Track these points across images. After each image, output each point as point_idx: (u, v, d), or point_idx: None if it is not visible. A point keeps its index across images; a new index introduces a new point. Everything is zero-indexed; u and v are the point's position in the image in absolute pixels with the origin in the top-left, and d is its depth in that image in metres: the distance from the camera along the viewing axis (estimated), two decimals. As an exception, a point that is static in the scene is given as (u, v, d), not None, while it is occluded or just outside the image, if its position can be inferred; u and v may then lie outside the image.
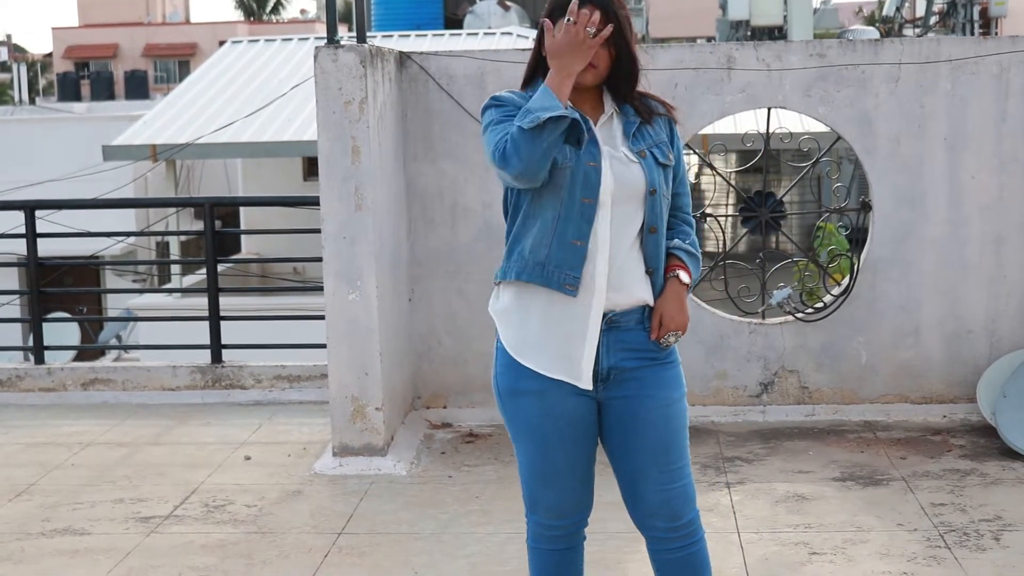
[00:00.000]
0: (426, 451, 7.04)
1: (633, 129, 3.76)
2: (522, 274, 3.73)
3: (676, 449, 3.81)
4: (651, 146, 3.76)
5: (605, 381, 3.76)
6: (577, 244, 3.67)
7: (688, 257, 3.85)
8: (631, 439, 3.79)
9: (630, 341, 3.76)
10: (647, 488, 3.80)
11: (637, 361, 3.77)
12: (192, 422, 7.83)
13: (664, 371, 3.80)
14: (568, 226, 3.67)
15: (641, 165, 3.71)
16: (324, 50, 6.67)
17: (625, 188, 3.69)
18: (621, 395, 3.78)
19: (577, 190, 3.65)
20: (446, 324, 7.58)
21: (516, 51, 7.64)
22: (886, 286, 7.43)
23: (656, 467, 3.78)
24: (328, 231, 6.74)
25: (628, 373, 3.76)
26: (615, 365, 3.75)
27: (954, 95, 7.27)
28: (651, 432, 3.77)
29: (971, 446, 6.86)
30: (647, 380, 3.77)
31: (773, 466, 6.61)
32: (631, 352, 3.76)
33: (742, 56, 7.33)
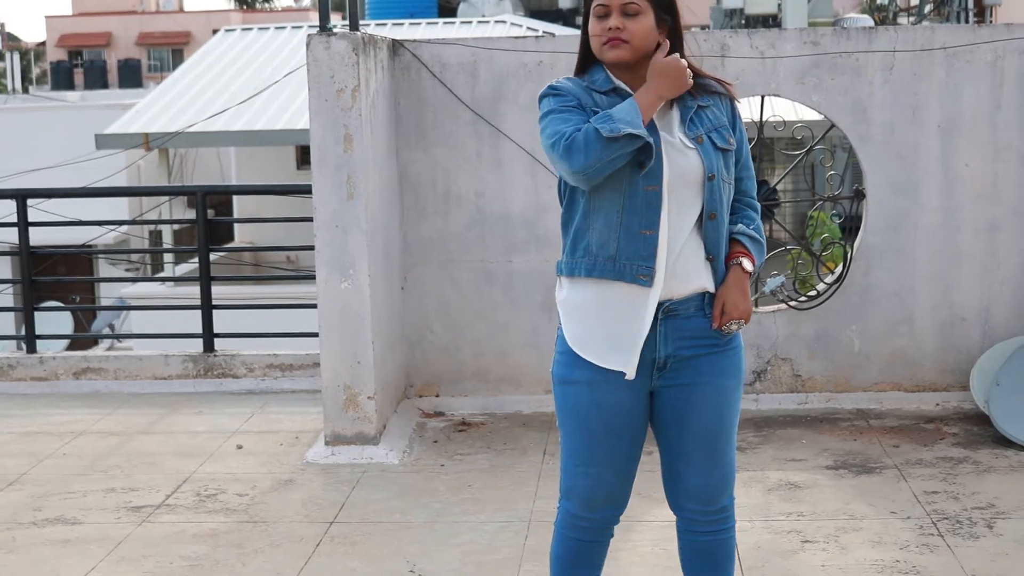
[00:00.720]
0: (418, 440, 7.03)
1: (690, 114, 3.71)
2: (593, 271, 3.69)
3: (725, 436, 3.81)
4: (709, 131, 3.70)
5: (662, 370, 3.73)
6: (647, 234, 3.63)
7: (752, 243, 3.79)
8: (682, 424, 3.77)
9: (689, 329, 3.71)
10: (689, 471, 3.80)
11: (695, 349, 3.73)
12: (184, 411, 7.82)
13: (723, 359, 3.77)
14: (634, 217, 3.63)
15: (698, 151, 3.66)
16: (317, 38, 6.65)
17: (682, 175, 3.64)
18: (677, 383, 3.75)
19: (640, 179, 3.61)
20: (439, 313, 7.57)
21: (509, 39, 7.63)
22: (879, 274, 7.42)
23: (702, 452, 3.78)
24: (320, 219, 6.72)
25: (687, 361, 3.73)
26: (673, 354, 3.71)
27: (948, 83, 7.26)
28: (702, 419, 3.76)
29: (964, 434, 6.87)
30: (704, 368, 3.74)
31: (766, 454, 6.61)
32: (690, 340, 3.72)
33: (736, 44, 7.31)
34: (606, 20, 3.66)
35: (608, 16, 3.66)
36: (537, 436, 7.01)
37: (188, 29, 61.39)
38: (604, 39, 3.66)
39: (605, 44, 3.66)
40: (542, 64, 7.36)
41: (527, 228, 7.44)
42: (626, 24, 3.65)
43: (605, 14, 3.66)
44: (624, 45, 3.66)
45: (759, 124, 7.57)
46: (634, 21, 3.65)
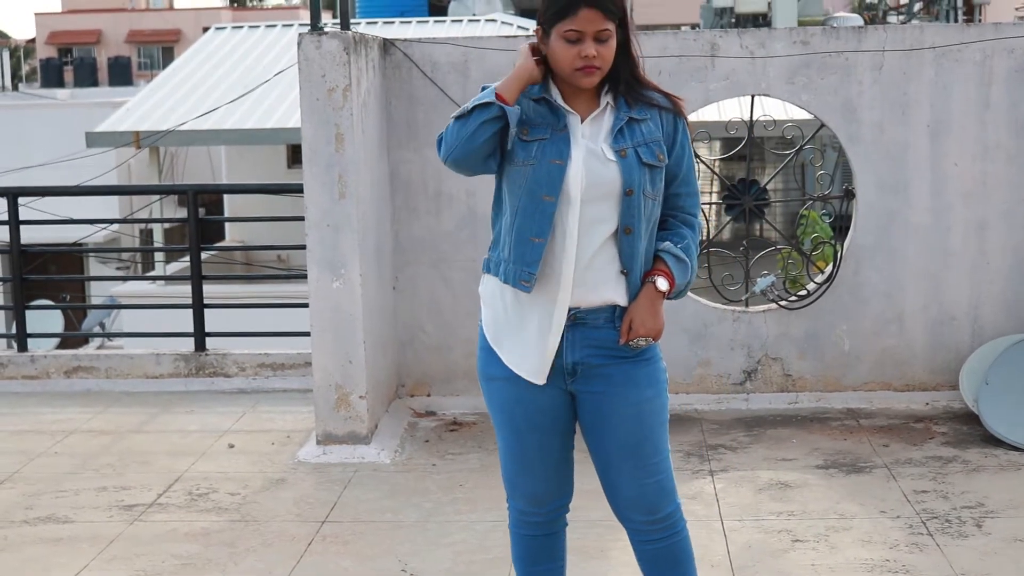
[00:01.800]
0: (410, 439, 7.04)
1: (620, 125, 3.71)
2: (490, 268, 3.79)
3: (650, 445, 3.78)
4: (638, 144, 3.69)
5: (572, 375, 3.76)
6: (535, 241, 3.67)
7: (675, 262, 3.78)
8: (603, 434, 3.79)
9: (597, 338, 3.73)
10: (621, 482, 3.81)
11: (605, 359, 3.74)
12: (176, 410, 7.82)
13: (635, 368, 3.76)
14: (527, 222, 3.67)
15: (619, 164, 3.66)
16: (307, 37, 6.65)
17: (598, 187, 3.66)
18: (590, 390, 3.77)
19: (538, 188, 3.65)
20: (430, 312, 7.58)
21: (500, 38, 7.64)
22: (869, 273, 7.44)
23: (629, 462, 3.78)
24: (312, 219, 6.73)
25: (596, 369, 3.75)
26: (581, 361, 3.74)
27: (937, 82, 7.28)
28: (622, 429, 3.77)
29: (954, 433, 6.88)
30: (616, 378, 3.75)
31: (756, 454, 6.62)
32: (598, 349, 3.74)
33: (726, 43, 7.32)
34: (578, 46, 3.63)
35: (580, 41, 3.64)
36: (528, 435, 7.01)
37: (178, 27, 61.35)
38: (579, 65, 3.64)
39: (579, 70, 3.65)
40: (533, 64, 7.35)
41: (518, 227, 7.44)
42: (599, 50, 3.65)
43: (577, 39, 3.64)
44: (597, 72, 3.67)
45: (749, 123, 7.58)
46: (605, 47, 3.66)
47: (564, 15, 3.63)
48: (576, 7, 3.62)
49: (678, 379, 7.44)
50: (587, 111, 3.74)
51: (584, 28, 3.63)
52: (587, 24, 3.62)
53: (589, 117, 3.73)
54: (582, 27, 3.62)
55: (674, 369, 7.39)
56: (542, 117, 3.71)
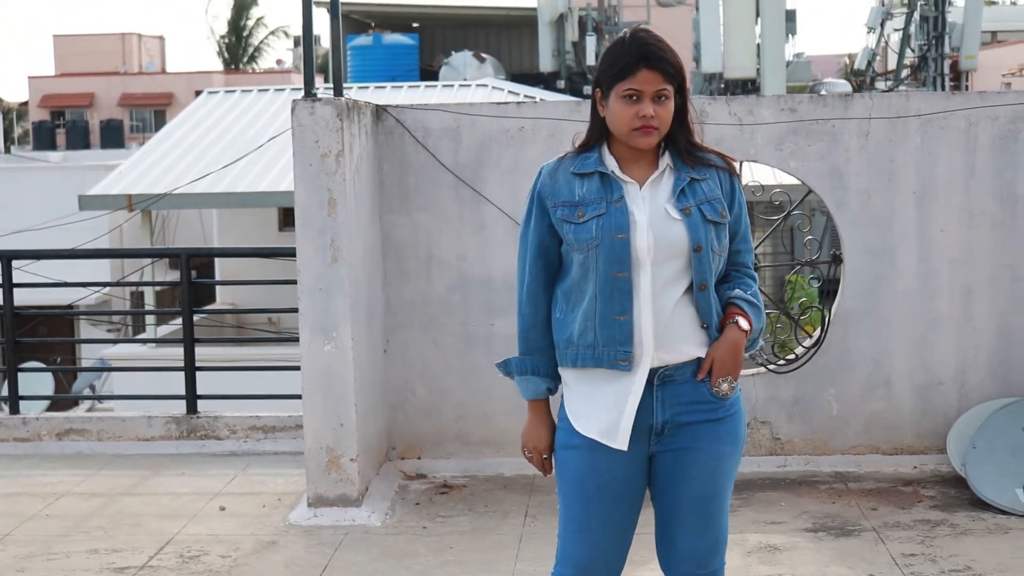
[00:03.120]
0: (400, 502, 7.06)
1: (683, 185, 3.77)
2: (577, 361, 3.80)
3: (718, 501, 3.85)
4: (701, 202, 3.76)
5: (660, 435, 3.79)
6: (621, 319, 3.72)
7: (749, 306, 3.85)
8: (677, 487, 3.83)
9: (686, 394, 3.78)
10: (681, 534, 3.85)
11: (693, 415, 3.78)
12: (167, 472, 7.83)
13: (720, 426, 3.81)
14: (608, 304, 3.73)
15: (684, 223, 3.72)
16: (301, 103, 6.73)
17: (668, 247, 3.71)
18: (674, 447, 3.80)
19: (608, 267, 3.71)
20: (421, 375, 7.61)
21: (491, 104, 7.72)
22: (857, 338, 7.49)
23: (695, 516, 3.83)
24: (304, 282, 6.77)
25: (683, 427, 3.79)
26: (670, 419, 3.78)
27: (923, 149, 7.36)
28: (696, 483, 3.82)
29: (942, 497, 6.91)
30: (701, 433, 3.79)
31: (746, 517, 6.65)
32: (687, 405, 3.78)
33: (714, 110, 7.41)
34: (637, 105, 3.71)
35: (639, 101, 3.71)
36: (518, 499, 7.04)
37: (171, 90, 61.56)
38: (637, 125, 3.71)
39: (637, 130, 3.72)
40: (524, 129, 7.44)
41: (509, 292, 7.49)
42: (657, 111, 3.72)
43: (636, 99, 3.71)
44: (655, 132, 3.73)
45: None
46: (663, 107, 3.73)
47: (624, 76, 3.71)
48: (636, 68, 3.70)
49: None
50: (646, 175, 3.80)
51: (643, 88, 3.70)
52: (646, 84, 3.70)
53: (649, 180, 3.79)
54: (641, 87, 3.70)
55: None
56: (595, 192, 3.77)
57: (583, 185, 3.79)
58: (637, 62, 3.71)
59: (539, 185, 3.86)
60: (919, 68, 30.77)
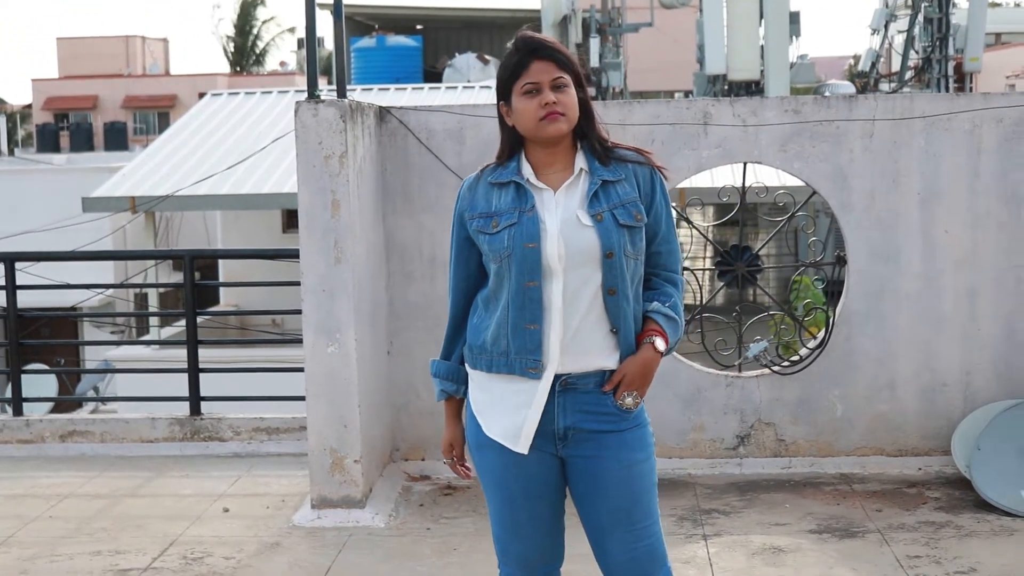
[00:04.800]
0: (404, 503, 7.05)
1: (595, 189, 3.77)
2: (492, 367, 3.82)
3: (640, 509, 3.82)
4: (614, 207, 3.75)
5: (564, 440, 3.80)
6: (531, 328, 3.73)
7: (666, 321, 3.83)
8: (594, 499, 3.83)
9: (588, 403, 3.78)
10: (612, 547, 3.84)
11: (597, 424, 3.79)
12: (171, 474, 7.83)
13: (626, 435, 3.81)
14: (520, 313, 3.74)
15: (595, 229, 3.72)
16: (304, 105, 6.73)
17: (578, 253, 3.71)
18: (581, 454, 3.81)
19: (521, 275, 3.72)
20: (424, 377, 7.60)
21: (494, 106, 7.68)
22: (861, 339, 7.49)
23: (620, 527, 3.82)
24: (308, 284, 6.77)
25: (587, 434, 3.79)
26: (572, 425, 3.78)
27: (927, 151, 7.36)
28: (612, 493, 3.80)
29: (946, 498, 6.91)
30: (607, 441, 3.79)
31: (750, 518, 6.64)
32: (589, 414, 3.78)
33: (718, 112, 7.41)
34: (538, 96, 3.73)
35: (539, 92, 3.74)
36: (522, 500, 7.02)
37: (174, 92, 61.62)
38: (542, 114, 3.73)
39: (543, 119, 3.73)
40: (528, 131, 7.42)
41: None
42: (559, 97, 3.74)
43: (536, 91, 3.74)
44: (562, 118, 3.74)
45: (742, 190, 7.66)
46: (564, 94, 3.75)
47: (518, 72, 3.76)
48: (527, 61, 3.75)
49: (672, 443, 7.47)
50: (561, 180, 3.80)
51: (539, 78, 3.73)
52: (541, 74, 3.73)
53: (563, 185, 3.79)
54: (537, 78, 3.73)
55: (668, 433, 7.42)
56: (510, 203, 3.79)
57: (500, 196, 3.82)
58: (527, 56, 3.76)
59: (460, 199, 3.92)
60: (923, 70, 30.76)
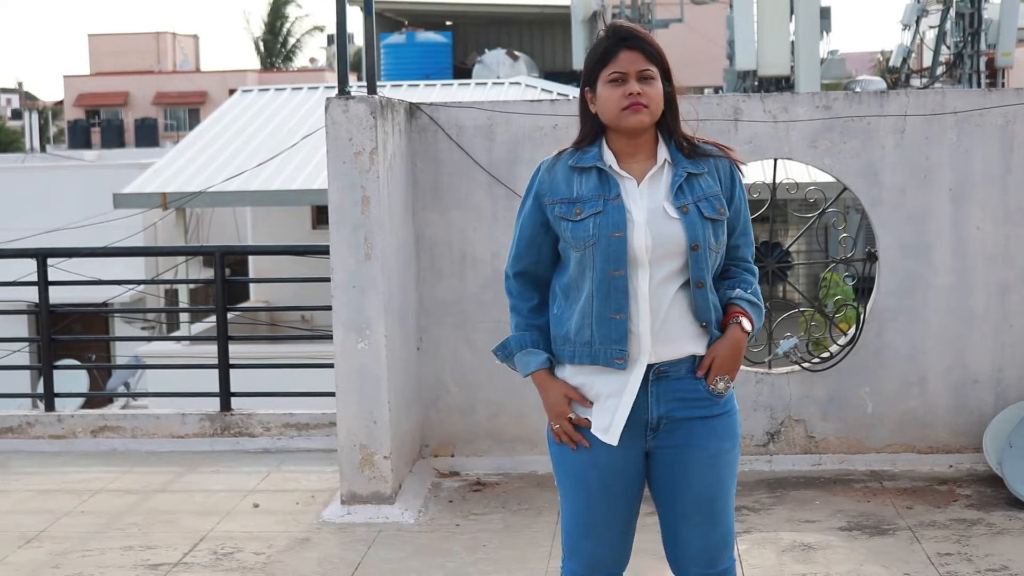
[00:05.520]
0: (434, 499, 7.06)
1: (680, 182, 3.77)
2: (574, 357, 3.80)
3: (722, 498, 3.85)
4: (698, 199, 3.76)
5: (655, 431, 3.79)
6: (617, 318, 3.72)
7: (750, 306, 3.85)
8: (677, 487, 3.83)
9: (681, 390, 3.78)
10: (689, 534, 3.85)
11: (689, 411, 3.78)
12: (201, 469, 7.86)
13: (716, 421, 3.81)
14: (605, 303, 3.72)
15: (682, 221, 3.72)
16: (335, 101, 6.74)
17: (665, 245, 3.71)
18: (671, 444, 3.80)
19: (606, 265, 3.71)
20: (454, 373, 7.61)
21: (525, 102, 7.71)
22: (892, 336, 7.46)
23: (700, 515, 3.83)
24: (338, 280, 6.79)
25: (679, 423, 3.78)
26: (665, 414, 3.77)
27: (959, 146, 7.33)
28: (697, 481, 3.81)
29: (977, 496, 6.88)
30: (697, 430, 3.79)
31: (780, 515, 6.63)
32: (682, 401, 3.78)
33: (748, 108, 7.39)
34: (623, 86, 3.73)
35: (624, 82, 3.73)
36: (552, 496, 7.03)
37: (204, 89, 61.77)
38: (625, 104, 3.72)
39: (626, 109, 3.73)
40: (557, 127, 7.44)
41: (542, 289, 7.48)
42: (644, 89, 3.73)
43: (622, 80, 3.73)
44: (645, 110, 3.73)
45: (772, 186, 7.64)
46: (650, 86, 3.74)
47: (606, 60, 3.75)
48: (616, 50, 3.75)
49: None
50: (644, 171, 3.80)
51: (626, 68, 3.73)
52: (628, 64, 3.73)
53: (647, 176, 3.79)
54: (624, 67, 3.73)
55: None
56: (593, 189, 3.77)
57: (581, 182, 3.79)
58: (616, 44, 3.76)
59: (537, 182, 3.88)
60: (955, 65, 30.60)
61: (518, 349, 3.93)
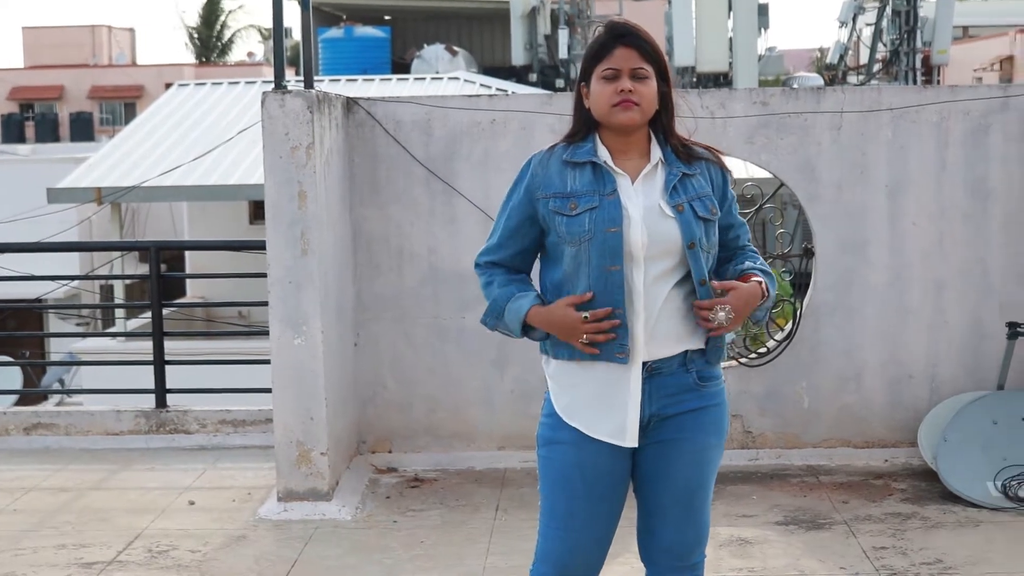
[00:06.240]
0: (371, 496, 7.04)
1: (675, 181, 3.77)
2: (574, 354, 3.77)
3: (702, 493, 3.86)
4: (692, 199, 3.76)
5: (645, 428, 3.77)
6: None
7: (764, 275, 3.84)
8: (660, 480, 3.83)
9: (672, 385, 3.77)
10: (664, 527, 3.85)
11: (678, 406, 3.78)
12: (136, 467, 7.79)
13: (704, 416, 3.81)
14: (602, 297, 3.71)
15: (677, 220, 3.72)
16: (271, 95, 6.70)
17: (661, 243, 3.70)
18: (658, 439, 3.79)
19: (602, 259, 3.70)
20: (392, 369, 7.60)
21: (463, 97, 7.70)
22: (829, 331, 7.51)
23: (678, 508, 3.83)
24: (274, 276, 6.75)
25: (668, 420, 3.78)
26: (656, 412, 3.77)
27: (895, 143, 7.38)
28: (679, 475, 3.81)
29: (912, 490, 6.93)
30: (686, 424, 3.79)
31: (717, 510, 6.63)
32: (672, 397, 3.77)
33: (687, 103, 7.38)
34: (615, 83, 3.73)
35: (617, 79, 3.74)
36: (489, 492, 7.03)
37: (141, 83, 61.28)
38: (616, 101, 3.73)
39: (616, 106, 3.73)
40: (495, 122, 7.43)
41: (480, 285, 7.48)
42: (636, 87, 3.73)
43: (614, 77, 3.74)
44: (636, 108, 3.73)
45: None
46: (643, 85, 3.75)
47: (601, 56, 3.77)
48: (611, 46, 3.76)
49: (639, 436, 7.47)
50: (637, 169, 3.79)
51: (620, 65, 3.74)
52: (622, 61, 3.74)
53: (641, 174, 3.78)
54: (618, 64, 3.74)
55: (635, 426, 7.42)
56: (588, 184, 3.76)
57: (575, 176, 3.78)
58: (612, 41, 3.77)
59: (528, 175, 3.85)
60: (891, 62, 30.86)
61: (506, 300, 3.85)
